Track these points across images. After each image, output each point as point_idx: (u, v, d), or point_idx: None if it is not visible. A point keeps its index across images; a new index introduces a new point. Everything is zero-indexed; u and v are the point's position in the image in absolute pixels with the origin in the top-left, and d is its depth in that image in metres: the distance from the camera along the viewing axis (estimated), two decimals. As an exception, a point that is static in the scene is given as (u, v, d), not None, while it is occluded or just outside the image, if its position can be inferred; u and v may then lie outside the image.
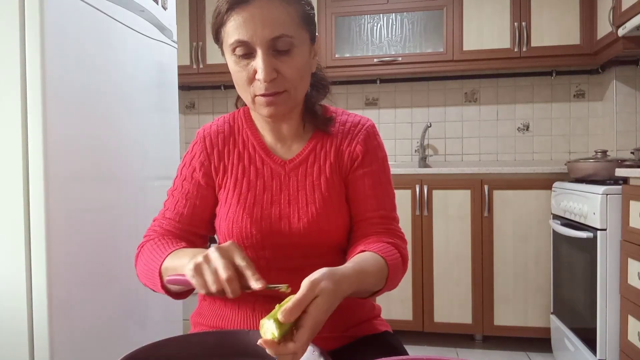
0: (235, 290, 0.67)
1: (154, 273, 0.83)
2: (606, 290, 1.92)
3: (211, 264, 0.68)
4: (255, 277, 0.67)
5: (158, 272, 0.82)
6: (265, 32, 0.80)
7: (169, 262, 0.81)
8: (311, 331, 0.62)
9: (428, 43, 3.03)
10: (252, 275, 0.67)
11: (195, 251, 0.77)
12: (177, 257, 0.81)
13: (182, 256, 0.79)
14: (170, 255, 0.82)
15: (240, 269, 0.68)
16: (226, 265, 0.67)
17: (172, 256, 0.82)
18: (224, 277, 0.66)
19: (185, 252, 0.80)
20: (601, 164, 2.18)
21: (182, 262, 0.77)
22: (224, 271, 0.67)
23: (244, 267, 0.68)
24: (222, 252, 0.69)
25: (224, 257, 0.68)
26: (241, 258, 0.69)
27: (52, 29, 1.25)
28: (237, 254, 0.70)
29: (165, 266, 0.81)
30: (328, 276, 0.67)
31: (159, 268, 0.82)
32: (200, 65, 3.17)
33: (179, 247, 0.85)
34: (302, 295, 0.63)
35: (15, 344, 1.23)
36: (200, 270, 0.69)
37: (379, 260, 0.81)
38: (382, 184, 0.94)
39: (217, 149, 0.95)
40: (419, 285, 2.68)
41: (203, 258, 0.69)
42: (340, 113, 0.99)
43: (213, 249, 0.70)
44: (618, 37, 2.38)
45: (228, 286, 0.66)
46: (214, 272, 0.68)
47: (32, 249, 1.22)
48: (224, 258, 0.68)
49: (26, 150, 1.22)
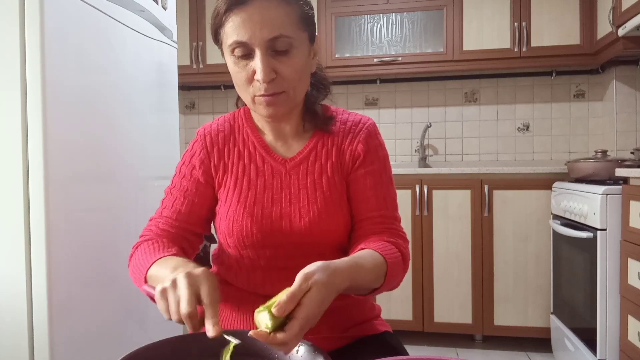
0: (194, 327, 0.64)
1: (140, 278, 0.83)
2: (606, 290, 1.92)
3: (176, 292, 0.66)
4: (212, 320, 0.63)
5: (144, 278, 0.82)
6: (263, 32, 0.80)
7: (154, 269, 0.81)
8: (303, 322, 0.62)
9: (428, 43, 3.02)
10: (211, 317, 0.63)
11: (178, 263, 0.76)
12: (162, 266, 0.80)
13: (166, 266, 0.78)
14: (157, 263, 0.81)
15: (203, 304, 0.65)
16: (189, 299, 0.64)
17: (158, 264, 0.81)
18: (183, 313, 0.63)
19: (169, 263, 0.79)
20: (601, 164, 2.18)
21: (163, 273, 0.76)
22: (185, 306, 0.63)
23: (206, 305, 0.65)
24: (191, 280, 0.66)
25: (191, 287, 0.65)
26: (207, 293, 0.65)
27: (52, 29, 1.25)
28: (204, 286, 0.66)
29: (150, 274, 0.81)
30: (321, 269, 0.67)
31: (145, 274, 0.82)
32: (200, 65, 3.17)
33: (167, 254, 0.84)
34: (296, 288, 0.63)
35: (15, 344, 1.23)
36: (165, 296, 0.66)
37: (377, 257, 0.81)
38: (383, 183, 0.94)
39: (218, 147, 0.95)
40: (419, 285, 2.68)
41: (170, 283, 0.66)
42: (341, 112, 0.99)
43: (182, 275, 0.67)
44: (618, 37, 2.38)
45: (186, 322, 0.64)
46: (177, 302, 0.65)
47: (32, 249, 1.22)
48: (190, 289, 0.65)
49: (26, 150, 1.22)
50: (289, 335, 0.61)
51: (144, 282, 0.82)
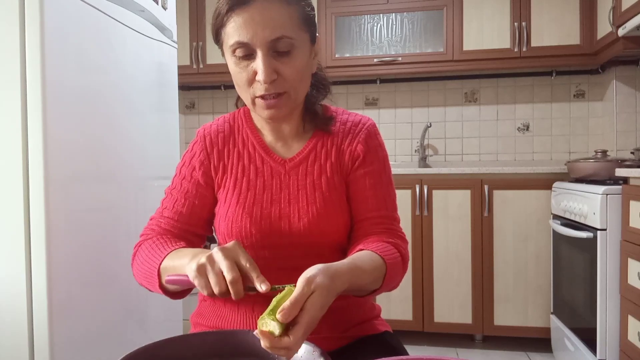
0: (238, 292, 0.66)
1: (152, 273, 0.82)
2: (606, 290, 1.92)
3: (215, 265, 0.68)
4: (260, 279, 0.67)
5: (157, 271, 0.81)
6: (265, 33, 0.80)
7: (168, 261, 0.81)
8: (306, 327, 0.63)
9: (428, 43, 3.02)
10: (257, 277, 0.67)
11: (196, 251, 0.77)
12: (176, 256, 0.80)
13: (182, 256, 0.78)
14: (170, 255, 0.82)
15: (244, 270, 0.68)
16: (231, 266, 0.67)
17: (171, 256, 0.81)
18: (229, 279, 0.66)
19: (185, 252, 0.79)
20: (601, 164, 2.18)
21: (182, 262, 0.77)
22: (228, 272, 0.66)
23: (249, 269, 0.68)
24: (226, 252, 0.69)
25: (228, 258, 0.68)
26: (246, 259, 0.69)
27: (52, 29, 1.25)
28: (241, 255, 0.69)
29: (164, 266, 0.81)
30: (322, 272, 0.67)
31: (158, 268, 0.81)
32: (200, 65, 3.17)
33: (178, 247, 0.84)
34: (299, 293, 0.63)
35: (15, 344, 1.23)
36: (204, 270, 0.68)
37: (376, 259, 0.81)
38: (382, 183, 0.94)
39: (217, 148, 0.95)
40: (419, 285, 2.68)
41: (207, 259, 0.69)
42: (341, 112, 0.99)
43: (217, 249, 0.69)
44: (618, 37, 2.38)
45: (232, 288, 0.66)
46: (218, 273, 0.67)
47: (32, 249, 1.22)
48: (228, 259, 0.68)
49: (26, 150, 1.22)
50: (294, 340, 0.61)
51: (157, 276, 0.81)
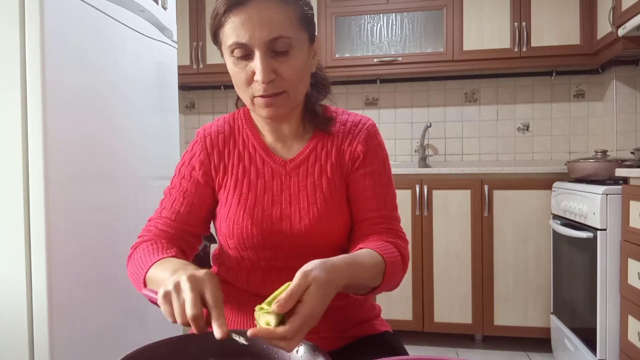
0: (199, 329, 0.64)
1: (139, 279, 0.83)
2: (606, 290, 1.92)
3: (180, 295, 0.66)
4: (218, 322, 0.63)
5: (142, 279, 0.82)
6: (263, 33, 0.80)
7: (153, 271, 0.80)
8: (304, 318, 0.62)
9: (428, 43, 3.02)
10: (217, 319, 0.64)
11: (177, 266, 0.75)
12: (162, 268, 0.79)
13: (166, 268, 0.77)
14: (156, 265, 0.81)
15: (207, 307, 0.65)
16: (194, 302, 0.64)
17: (157, 266, 0.80)
18: (189, 315, 0.63)
19: (168, 265, 0.78)
20: (601, 164, 2.18)
21: (163, 275, 0.75)
22: (190, 309, 0.63)
23: (212, 307, 0.65)
24: (194, 283, 0.66)
25: (194, 290, 0.65)
26: (211, 294, 0.65)
27: (52, 29, 1.25)
28: (208, 288, 0.66)
29: (149, 276, 0.81)
30: (319, 266, 0.67)
31: (144, 276, 0.81)
32: (200, 65, 3.17)
33: (167, 255, 0.83)
34: (295, 285, 0.64)
35: (15, 344, 1.23)
36: (169, 299, 0.66)
37: (375, 256, 0.81)
38: (382, 183, 0.94)
39: (218, 148, 0.95)
40: (419, 285, 2.68)
41: (174, 286, 0.66)
42: (341, 113, 0.99)
43: (185, 278, 0.66)
44: (618, 37, 2.38)
45: (192, 324, 0.64)
46: (181, 305, 0.65)
47: (32, 249, 1.22)
48: (194, 292, 0.65)
49: (26, 150, 1.22)
50: (290, 329, 0.61)
51: (143, 284, 0.81)
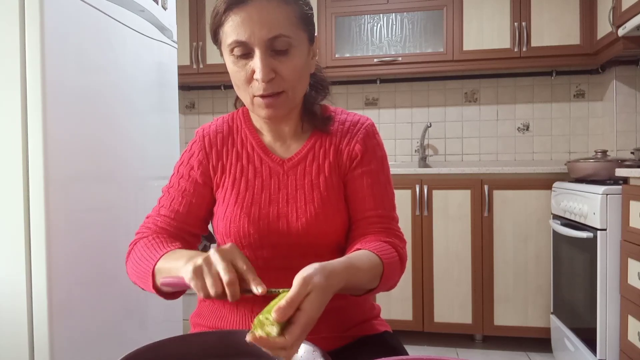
0: (235, 294, 0.66)
1: (146, 273, 0.82)
2: (606, 290, 1.92)
3: (212, 266, 0.68)
4: (256, 281, 0.67)
5: (151, 272, 0.81)
6: (263, 32, 0.80)
7: (163, 263, 0.80)
8: (303, 327, 0.62)
9: (428, 43, 3.02)
10: (254, 279, 0.67)
11: (192, 253, 0.76)
12: (172, 258, 0.79)
13: (178, 258, 0.78)
14: (165, 256, 0.81)
15: (241, 272, 0.68)
16: (227, 268, 0.67)
17: (166, 257, 0.80)
18: (226, 280, 0.66)
19: (181, 254, 0.79)
20: (601, 164, 2.18)
21: (177, 264, 0.76)
22: (225, 274, 0.66)
23: (245, 271, 0.68)
24: (223, 254, 0.68)
25: (225, 259, 0.68)
26: (243, 261, 0.68)
27: (52, 29, 1.25)
28: (238, 256, 0.69)
29: (159, 267, 0.80)
30: (319, 271, 0.67)
31: (152, 268, 0.81)
32: (200, 65, 3.17)
33: (173, 248, 0.84)
34: (295, 293, 0.63)
35: (15, 344, 1.23)
36: (201, 272, 0.68)
37: (373, 258, 0.81)
38: (380, 183, 0.94)
39: (216, 148, 0.95)
40: (419, 285, 2.68)
41: (204, 260, 0.68)
42: (340, 112, 0.99)
43: (213, 251, 0.69)
44: (618, 37, 2.38)
45: (229, 289, 0.66)
46: (214, 275, 0.67)
47: (32, 249, 1.22)
48: (225, 261, 0.67)
49: (26, 150, 1.22)
50: (290, 340, 0.61)
51: (151, 276, 0.81)
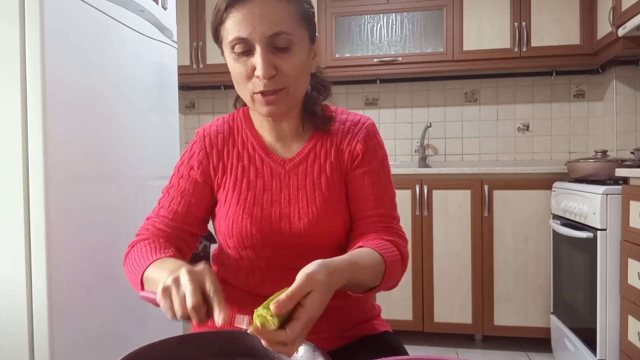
0: (200, 319, 0.65)
1: (136, 279, 0.82)
2: (606, 290, 1.92)
3: (180, 288, 0.66)
4: (219, 307, 0.64)
5: (140, 279, 0.81)
6: (264, 28, 0.80)
7: (150, 271, 0.80)
8: (305, 324, 0.62)
9: (428, 43, 3.02)
10: (218, 304, 0.65)
11: (175, 266, 0.75)
12: (160, 267, 0.79)
13: (164, 268, 0.77)
14: (154, 265, 0.81)
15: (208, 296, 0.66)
16: (194, 292, 0.65)
17: (154, 265, 0.80)
18: (189, 305, 0.64)
19: (167, 264, 0.78)
20: (601, 164, 2.18)
21: (161, 276, 0.75)
22: (190, 298, 0.64)
23: (212, 295, 0.66)
24: (193, 276, 0.67)
25: (193, 282, 0.66)
26: (211, 284, 0.67)
27: (52, 29, 1.25)
28: (207, 280, 0.67)
29: (147, 275, 0.80)
30: (322, 268, 0.67)
31: (141, 276, 0.81)
32: (200, 65, 3.17)
33: (164, 255, 0.83)
34: (297, 288, 0.63)
35: (15, 344, 1.23)
36: (169, 293, 0.67)
37: (375, 256, 0.81)
38: (381, 182, 0.94)
39: (217, 148, 0.95)
40: (419, 285, 2.68)
41: (172, 281, 0.67)
42: (340, 112, 0.99)
43: (184, 271, 0.68)
44: (618, 37, 2.38)
45: (192, 314, 0.65)
46: (181, 297, 0.66)
47: (32, 249, 1.22)
48: (193, 283, 0.66)
49: (26, 150, 1.22)
50: (291, 335, 0.61)
51: (140, 283, 0.81)
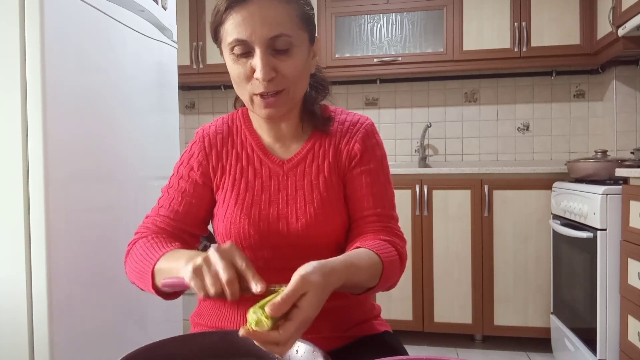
0: (234, 293, 0.66)
1: (145, 273, 0.81)
2: (606, 290, 1.92)
3: (211, 266, 0.67)
4: (255, 279, 0.66)
5: (151, 272, 0.80)
6: (263, 31, 0.80)
7: (162, 263, 0.80)
8: (299, 325, 0.62)
9: (428, 43, 3.02)
10: (253, 277, 0.66)
11: (192, 253, 0.76)
12: (172, 258, 0.79)
13: (178, 258, 0.77)
14: (165, 256, 0.80)
15: (240, 271, 0.67)
16: (226, 266, 0.66)
17: (166, 257, 0.80)
18: (224, 280, 0.65)
19: (181, 254, 0.79)
20: (601, 164, 2.18)
21: (178, 264, 0.75)
22: (224, 273, 0.66)
23: (245, 269, 0.67)
24: (222, 253, 0.68)
25: (224, 258, 0.67)
26: (242, 260, 0.68)
27: (52, 29, 1.25)
28: (237, 255, 0.68)
29: (159, 267, 0.80)
30: (318, 270, 0.67)
31: (152, 269, 0.80)
32: (200, 65, 3.17)
33: (173, 248, 0.83)
34: (292, 290, 0.63)
35: (15, 344, 1.23)
36: (200, 272, 0.68)
37: (372, 256, 0.81)
38: (380, 182, 0.93)
39: (216, 149, 0.95)
40: (419, 285, 2.68)
41: (203, 260, 0.68)
42: (339, 112, 0.99)
43: (213, 250, 0.69)
44: (618, 37, 2.38)
45: (228, 288, 0.66)
46: (214, 274, 0.67)
47: (32, 249, 1.22)
48: (224, 260, 0.67)
49: (26, 150, 1.22)
50: (283, 336, 0.61)
51: (150, 276, 0.80)
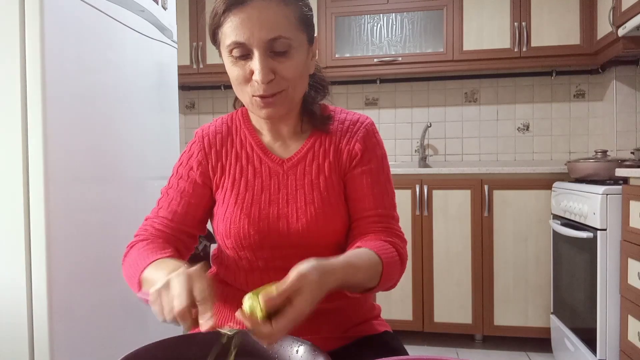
0: (186, 325, 0.63)
1: (134, 280, 0.82)
2: (606, 290, 1.92)
3: (170, 292, 0.65)
4: (205, 315, 0.62)
5: (138, 280, 0.81)
6: (262, 33, 0.80)
7: (148, 272, 0.79)
8: (290, 321, 0.63)
9: (428, 43, 3.02)
10: (204, 312, 0.62)
11: (173, 267, 0.74)
12: (158, 268, 0.78)
13: (162, 269, 0.76)
14: (152, 265, 0.80)
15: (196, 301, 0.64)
16: (182, 296, 0.63)
17: (153, 267, 0.80)
18: (175, 311, 0.63)
19: (165, 265, 0.78)
20: (601, 164, 2.18)
21: (159, 276, 0.74)
22: (177, 303, 0.63)
23: (199, 302, 0.64)
24: (184, 279, 0.65)
25: (183, 286, 0.64)
26: (199, 290, 0.64)
27: (52, 29, 1.25)
28: (197, 284, 0.65)
29: (145, 276, 0.80)
30: (315, 268, 0.67)
31: (139, 276, 0.81)
32: (200, 65, 3.17)
33: (163, 256, 0.82)
34: (287, 286, 0.63)
35: (15, 344, 1.23)
36: (159, 296, 0.66)
37: (372, 257, 0.80)
38: (380, 182, 0.93)
39: (215, 149, 0.95)
40: (419, 285, 2.68)
41: (164, 284, 0.66)
42: (339, 111, 0.99)
43: (175, 275, 0.66)
44: (618, 37, 2.38)
45: (178, 318, 0.63)
46: (170, 302, 0.64)
47: (32, 250, 1.22)
48: (182, 288, 0.64)
49: (26, 150, 1.22)
50: (275, 329, 0.61)
51: (137, 285, 0.81)
